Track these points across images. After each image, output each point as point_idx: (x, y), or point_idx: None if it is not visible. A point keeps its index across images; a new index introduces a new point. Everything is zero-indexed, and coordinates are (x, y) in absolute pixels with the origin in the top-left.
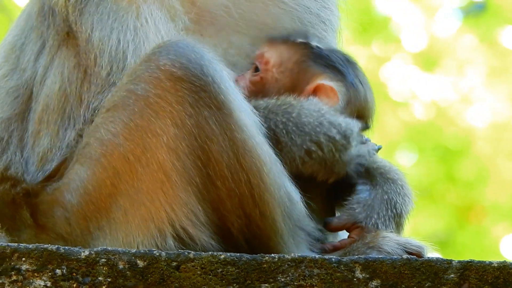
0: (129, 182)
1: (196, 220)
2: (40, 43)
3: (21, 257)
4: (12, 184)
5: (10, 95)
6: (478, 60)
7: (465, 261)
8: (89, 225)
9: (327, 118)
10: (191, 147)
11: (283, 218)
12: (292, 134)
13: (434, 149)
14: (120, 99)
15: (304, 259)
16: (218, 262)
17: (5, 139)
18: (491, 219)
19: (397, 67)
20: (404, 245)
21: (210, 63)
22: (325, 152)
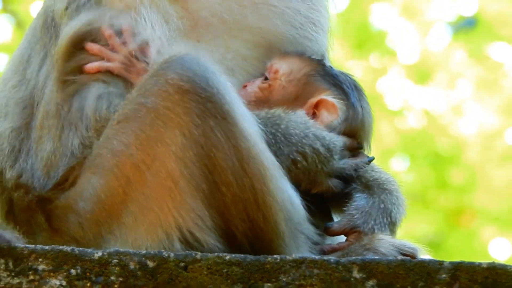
0: (140, 189)
1: (203, 224)
2: (43, 54)
3: (38, 257)
4: (25, 191)
5: (19, 105)
6: (468, 73)
7: (456, 262)
8: (101, 230)
9: (313, 131)
10: (198, 156)
11: (285, 221)
12: (281, 144)
13: (426, 156)
14: (131, 111)
15: (304, 260)
16: (224, 263)
17: (16, 147)
18: (480, 223)
19: (392, 79)
20: (399, 247)
21: (214, 75)
22: (309, 163)
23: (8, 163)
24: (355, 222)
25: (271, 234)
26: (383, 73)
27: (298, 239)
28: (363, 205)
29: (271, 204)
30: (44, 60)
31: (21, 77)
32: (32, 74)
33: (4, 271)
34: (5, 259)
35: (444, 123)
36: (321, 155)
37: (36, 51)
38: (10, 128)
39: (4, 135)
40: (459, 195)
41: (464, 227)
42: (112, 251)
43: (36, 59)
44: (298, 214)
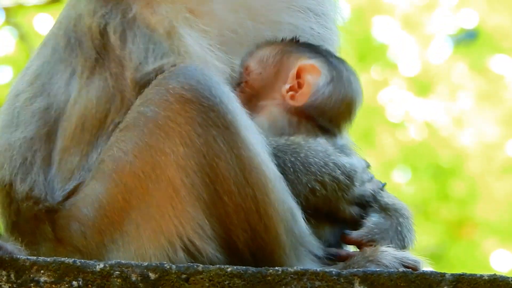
0: (140, 197)
1: (203, 233)
2: (70, 71)
3: (40, 269)
4: (35, 202)
5: (35, 116)
6: (469, 85)
7: (457, 274)
8: (104, 239)
9: (332, 159)
10: (200, 165)
11: (286, 232)
12: (299, 173)
13: (427, 168)
14: (132, 120)
15: (306, 272)
16: (225, 275)
17: (28, 159)
18: (481, 234)
19: (394, 91)
20: (401, 259)
21: (218, 85)
22: (328, 191)
23: (20, 175)
24: (373, 235)
25: (272, 244)
26: (384, 85)
27: (299, 251)
28: (381, 223)
29: (272, 214)
30: (72, 77)
31: (38, 91)
32: (58, 90)
33: (6, 283)
34: (7, 271)
35: (445, 135)
36: (341, 183)
37: (60, 69)
38: (23, 139)
39: (15, 145)
40: (461, 206)
41: (466, 239)
42: (113, 263)
43: (61, 77)
44: (299, 226)
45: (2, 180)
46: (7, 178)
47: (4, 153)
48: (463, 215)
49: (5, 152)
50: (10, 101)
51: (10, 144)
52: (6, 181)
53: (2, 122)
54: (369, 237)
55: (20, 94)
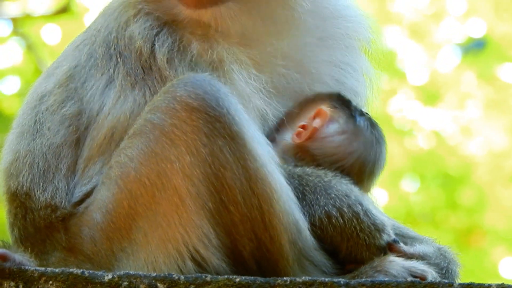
0: (147, 205)
1: (209, 243)
2: (106, 80)
3: (48, 280)
4: (52, 210)
5: (65, 122)
6: (477, 94)
7: (465, 284)
8: (113, 246)
9: (356, 194)
10: (205, 174)
11: (289, 244)
12: (319, 194)
13: (435, 177)
14: (139, 127)
15: (314, 282)
16: (234, 285)
17: (52, 166)
18: (490, 243)
19: (402, 100)
20: (410, 269)
21: (226, 96)
22: (346, 223)
23: (41, 183)
24: (429, 258)
25: (277, 255)
26: (392, 94)
27: (303, 264)
28: (433, 252)
29: (276, 225)
30: (108, 86)
31: (69, 94)
32: (91, 97)
33: None
34: (15, 282)
35: (453, 143)
36: (363, 223)
37: (94, 76)
38: (49, 145)
39: (37, 152)
40: (469, 215)
41: (474, 247)
42: (122, 274)
43: (95, 84)
44: (304, 239)
45: (17, 189)
46: (25, 186)
47: (23, 159)
48: (471, 223)
49: (24, 159)
50: (31, 103)
51: (31, 151)
52: (22, 190)
53: (21, 127)
54: (423, 256)
55: (46, 96)
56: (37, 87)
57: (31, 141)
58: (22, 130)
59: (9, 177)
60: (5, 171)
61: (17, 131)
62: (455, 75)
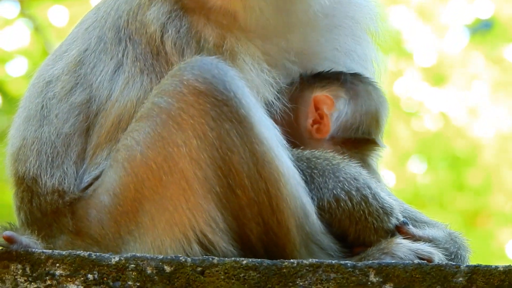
0: (153, 188)
1: (216, 226)
2: (114, 64)
3: (55, 263)
4: (59, 195)
5: (74, 110)
6: (484, 75)
7: (472, 266)
8: (120, 229)
9: (364, 178)
10: (213, 158)
11: (297, 228)
12: (327, 177)
13: (443, 159)
14: (146, 110)
15: (321, 264)
16: (241, 267)
17: (61, 154)
18: (497, 224)
19: (409, 81)
20: (416, 251)
21: (233, 80)
22: (355, 207)
23: (48, 169)
24: (437, 241)
25: (284, 239)
26: (399, 76)
27: (310, 248)
28: (443, 235)
29: (284, 209)
30: (116, 71)
31: (77, 81)
32: (99, 84)
33: (21, 276)
34: (22, 264)
35: (461, 125)
36: (371, 206)
37: (103, 60)
38: (58, 134)
39: (45, 140)
40: (476, 196)
41: (481, 229)
42: (129, 256)
43: (104, 69)
44: (311, 223)
45: (25, 174)
46: (32, 172)
47: (30, 146)
48: (478, 205)
49: (31, 145)
50: (38, 87)
51: (38, 138)
52: (29, 175)
53: (27, 111)
54: (432, 238)
55: (54, 82)
56: (44, 70)
57: (38, 127)
58: (28, 115)
59: (16, 161)
60: (12, 156)
61: (24, 115)
62: (462, 56)
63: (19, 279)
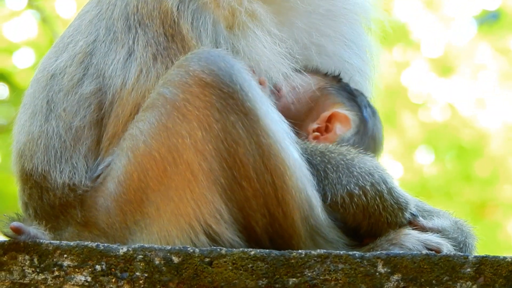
0: (158, 179)
1: (221, 218)
2: (125, 52)
3: (63, 254)
4: (71, 189)
5: (84, 102)
6: (491, 66)
7: (480, 256)
8: (126, 219)
9: (380, 173)
10: (218, 150)
11: (302, 220)
12: (341, 172)
13: (450, 149)
14: (152, 100)
15: (329, 255)
16: (249, 258)
17: (70, 148)
18: (504, 215)
19: (416, 72)
20: (425, 242)
21: (240, 72)
22: (369, 202)
23: (57, 165)
24: (446, 231)
25: (290, 231)
26: (406, 66)
27: (316, 240)
28: (450, 225)
29: (289, 201)
30: (129, 59)
31: (88, 71)
32: (111, 72)
33: (29, 267)
34: (30, 255)
35: (468, 115)
36: (386, 201)
37: (114, 49)
38: (64, 128)
39: (52, 134)
40: (483, 187)
41: (488, 219)
42: (137, 247)
43: (116, 58)
44: (316, 216)
45: (32, 170)
46: (40, 168)
47: (37, 141)
48: (485, 196)
49: (37, 140)
50: (42, 82)
51: (45, 133)
52: (37, 171)
53: (33, 107)
54: (441, 229)
55: (59, 75)
56: (47, 64)
57: (44, 122)
58: (34, 110)
59: (22, 157)
60: (18, 152)
61: (29, 112)
62: (469, 47)
63: (26, 270)
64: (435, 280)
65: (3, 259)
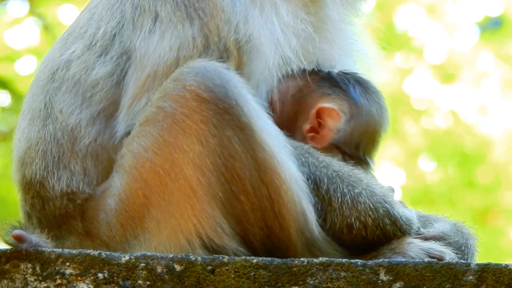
0: (160, 194)
1: (222, 232)
2: (151, 19)
3: (65, 262)
4: (70, 199)
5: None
6: (494, 73)
7: (482, 264)
8: (126, 233)
9: (387, 207)
10: (215, 164)
11: (297, 233)
12: (345, 205)
13: (452, 156)
14: (151, 114)
15: (331, 263)
16: (251, 266)
17: (66, 151)
18: (507, 222)
19: (419, 79)
20: (427, 250)
21: (236, 87)
22: (369, 234)
23: (55, 172)
24: (449, 237)
25: (287, 243)
26: (409, 73)
27: (313, 251)
28: (451, 229)
29: (285, 215)
30: (154, 25)
31: (100, 56)
32: (138, 44)
33: (31, 275)
34: (32, 263)
35: (470, 122)
36: (389, 232)
37: (142, 22)
38: (61, 129)
39: (50, 139)
40: (486, 194)
41: (491, 226)
42: (139, 255)
43: (144, 29)
44: (311, 229)
45: (31, 178)
46: (38, 175)
47: (35, 148)
48: (488, 202)
49: (35, 147)
50: (42, 81)
51: (42, 138)
52: (36, 178)
53: (32, 112)
54: (443, 236)
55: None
56: (50, 60)
57: (42, 127)
58: (32, 116)
59: (23, 165)
60: (19, 160)
61: (28, 118)
62: (472, 54)
63: (29, 278)
64: None
65: (5, 267)
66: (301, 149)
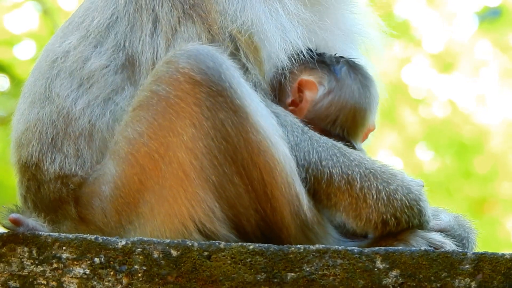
0: (155, 179)
1: (214, 216)
2: (152, 21)
3: (62, 246)
4: (63, 182)
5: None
6: (492, 63)
7: (479, 253)
8: (121, 219)
9: (421, 206)
10: (208, 147)
11: (291, 215)
12: (380, 202)
13: (450, 145)
14: (145, 99)
15: (328, 250)
16: (247, 252)
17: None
18: (504, 212)
19: (417, 68)
20: (429, 240)
21: (228, 70)
22: (398, 229)
23: (49, 154)
24: (454, 230)
25: (280, 226)
26: (407, 62)
27: (307, 235)
28: (454, 225)
29: (278, 197)
30: (156, 30)
31: (96, 48)
32: (139, 43)
33: (28, 259)
34: (29, 247)
35: (468, 112)
36: (414, 225)
37: (141, 20)
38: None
39: (47, 120)
40: (483, 184)
41: (488, 216)
42: (136, 240)
43: (145, 29)
44: (304, 213)
45: (27, 160)
46: (34, 157)
47: (32, 129)
48: (485, 192)
49: (33, 128)
50: (44, 68)
51: (40, 119)
52: (32, 160)
53: (32, 95)
54: (448, 229)
55: (63, 57)
56: (51, 48)
57: (41, 109)
58: (33, 99)
59: (19, 147)
60: (16, 141)
61: (29, 100)
62: (470, 43)
63: (25, 262)
64: (433, 276)
65: (2, 250)
66: (333, 149)
